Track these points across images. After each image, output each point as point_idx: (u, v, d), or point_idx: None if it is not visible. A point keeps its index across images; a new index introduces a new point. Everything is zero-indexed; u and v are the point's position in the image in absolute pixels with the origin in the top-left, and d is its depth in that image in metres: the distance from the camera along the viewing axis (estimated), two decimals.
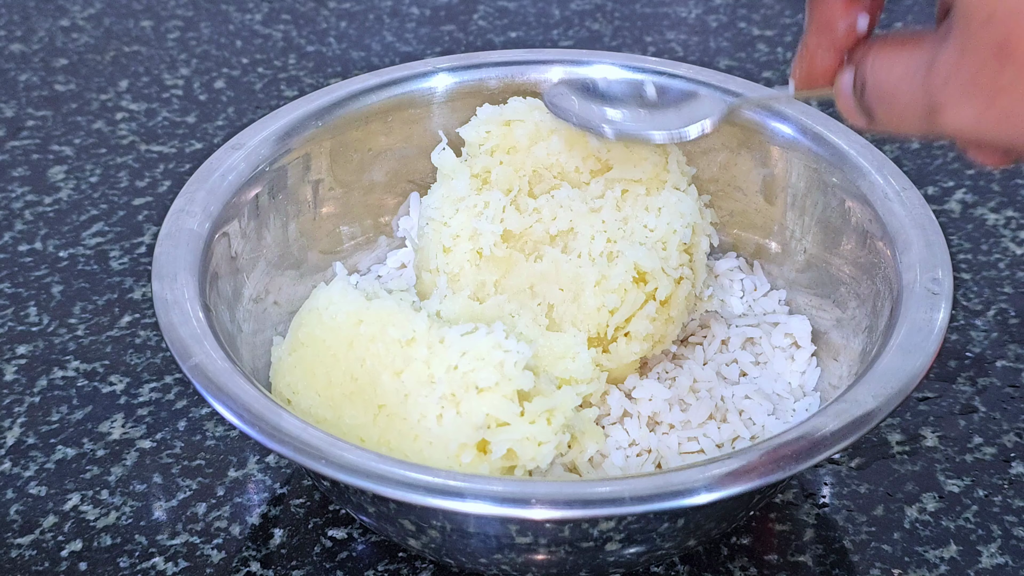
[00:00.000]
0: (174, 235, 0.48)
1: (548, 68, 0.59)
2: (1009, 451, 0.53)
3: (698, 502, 0.37)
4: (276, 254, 0.54)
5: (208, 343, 0.42)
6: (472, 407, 0.42)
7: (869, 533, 0.49)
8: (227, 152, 0.52)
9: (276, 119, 0.55)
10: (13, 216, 0.69)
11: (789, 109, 0.55)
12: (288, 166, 0.54)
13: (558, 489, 0.37)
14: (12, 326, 0.60)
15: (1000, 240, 0.66)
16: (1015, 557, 0.48)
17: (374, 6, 0.93)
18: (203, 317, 0.44)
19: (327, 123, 0.56)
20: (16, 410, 0.55)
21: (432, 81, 0.58)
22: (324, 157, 0.56)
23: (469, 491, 0.37)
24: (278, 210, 0.54)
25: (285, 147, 0.54)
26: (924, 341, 0.42)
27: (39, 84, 0.83)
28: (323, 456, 0.38)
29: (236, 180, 0.51)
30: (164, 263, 0.46)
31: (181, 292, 0.45)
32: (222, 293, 0.48)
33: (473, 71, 0.59)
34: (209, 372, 0.41)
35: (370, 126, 0.57)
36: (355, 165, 0.58)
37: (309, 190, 0.56)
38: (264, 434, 0.39)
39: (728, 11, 0.92)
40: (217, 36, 0.89)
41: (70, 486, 0.51)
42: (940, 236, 0.47)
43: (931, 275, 0.45)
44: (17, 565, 0.48)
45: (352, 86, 0.57)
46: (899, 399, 0.40)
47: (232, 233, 0.50)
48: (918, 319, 0.43)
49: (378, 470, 0.37)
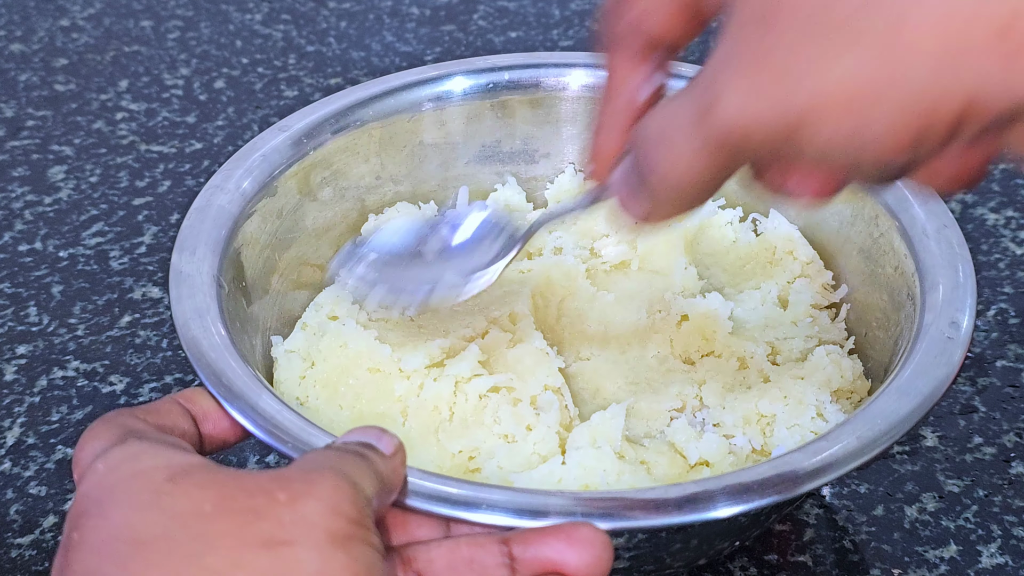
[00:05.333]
0: (203, 209, 0.48)
1: (569, 71, 0.58)
2: (1009, 451, 0.53)
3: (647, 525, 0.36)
4: (313, 237, 0.54)
5: (211, 317, 0.42)
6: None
7: (869, 533, 0.49)
8: (272, 133, 0.52)
9: (326, 105, 0.54)
10: (13, 216, 0.69)
11: None
12: (332, 153, 0.54)
13: (571, 502, 0.36)
14: (12, 326, 0.60)
15: (1000, 240, 0.66)
16: (1015, 557, 0.48)
17: (374, 6, 0.93)
18: (214, 293, 0.44)
19: (377, 113, 0.55)
20: (16, 410, 0.55)
21: (480, 78, 0.58)
22: (372, 146, 0.56)
23: (480, 500, 0.36)
24: (318, 196, 0.54)
25: (330, 134, 0.54)
26: (925, 385, 0.40)
27: (39, 84, 0.83)
28: (292, 440, 0.38)
29: (277, 161, 0.51)
30: (187, 235, 0.46)
31: (196, 266, 0.45)
32: (243, 271, 0.48)
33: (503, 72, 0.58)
34: (203, 346, 0.41)
35: (422, 117, 0.57)
36: (404, 156, 0.57)
37: (351, 179, 0.56)
38: (241, 411, 0.39)
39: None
40: (217, 36, 0.89)
41: (70, 486, 0.51)
42: (972, 279, 0.45)
43: (951, 319, 0.43)
44: (17, 565, 0.48)
45: (406, 78, 0.57)
46: (883, 443, 0.38)
47: (265, 214, 0.50)
48: (925, 362, 0.41)
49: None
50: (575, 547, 0.34)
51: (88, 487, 0.32)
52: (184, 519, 0.30)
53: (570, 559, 0.34)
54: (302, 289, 0.53)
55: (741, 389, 0.48)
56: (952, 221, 0.48)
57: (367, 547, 0.31)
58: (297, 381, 0.47)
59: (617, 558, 0.39)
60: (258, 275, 0.50)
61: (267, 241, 0.51)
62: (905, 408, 0.39)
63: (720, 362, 0.50)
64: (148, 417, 0.36)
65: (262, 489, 0.31)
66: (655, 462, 0.44)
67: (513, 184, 0.59)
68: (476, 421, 0.45)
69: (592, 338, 0.51)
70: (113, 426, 0.34)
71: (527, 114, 0.59)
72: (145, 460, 0.33)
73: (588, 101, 0.58)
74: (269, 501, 0.31)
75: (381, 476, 0.34)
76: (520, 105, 0.58)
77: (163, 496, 0.31)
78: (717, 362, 0.50)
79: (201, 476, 0.32)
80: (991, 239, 0.66)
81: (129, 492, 0.31)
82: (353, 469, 0.33)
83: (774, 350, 0.51)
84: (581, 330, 0.52)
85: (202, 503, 0.31)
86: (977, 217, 0.68)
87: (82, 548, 0.31)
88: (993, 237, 0.66)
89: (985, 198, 0.70)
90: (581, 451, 0.44)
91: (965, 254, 0.46)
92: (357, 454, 0.34)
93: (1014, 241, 0.66)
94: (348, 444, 0.35)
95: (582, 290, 0.53)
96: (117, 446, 0.33)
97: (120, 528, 0.31)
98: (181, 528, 0.30)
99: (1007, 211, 0.68)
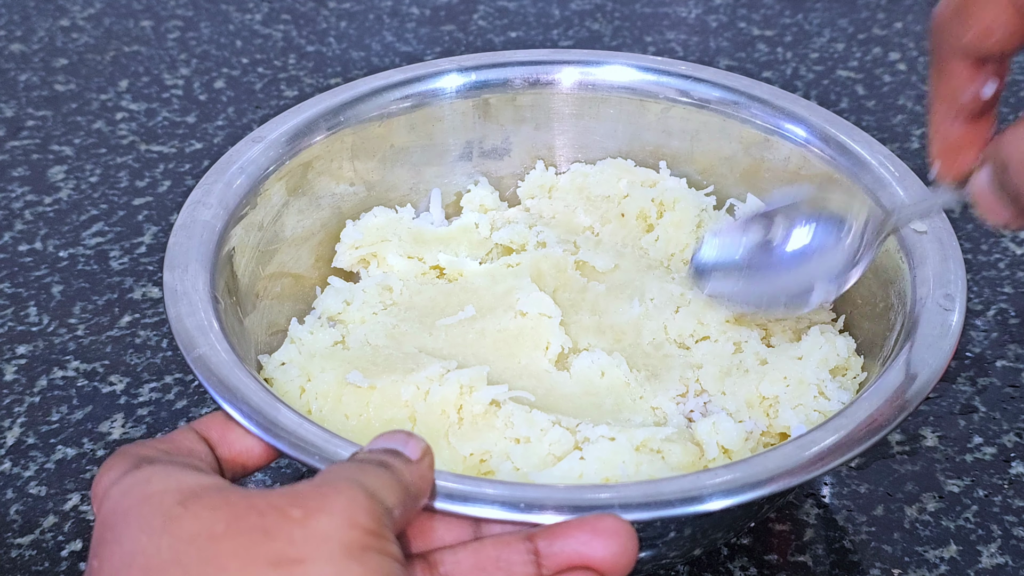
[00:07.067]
0: (188, 226, 0.48)
1: (560, 68, 0.59)
2: (1009, 451, 0.53)
3: (697, 511, 0.36)
4: (293, 247, 0.54)
5: (213, 334, 0.42)
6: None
7: (869, 533, 0.49)
8: (247, 145, 0.52)
9: (297, 113, 0.55)
10: (13, 216, 0.69)
11: (811, 116, 0.54)
12: (307, 161, 0.54)
13: (567, 495, 0.37)
14: (12, 326, 0.60)
15: (1000, 240, 0.66)
16: (1015, 557, 0.48)
17: (374, 6, 0.93)
18: (211, 308, 0.44)
19: (348, 119, 0.56)
20: (16, 410, 0.55)
21: (447, 80, 0.58)
22: (346, 152, 0.56)
23: (477, 495, 0.36)
24: (296, 205, 0.54)
25: (305, 142, 0.54)
26: (931, 358, 0.42)
27: (39, 84, 0.83)
28: (318, 452, 0.38)
29: (254, 173, 0.51)
30: (176, 253, 0.46)
31: (191, 283, 0.45)
32: (234, 285, 0.48)
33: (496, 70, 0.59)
34: (211, 364, 0.41)
35: (392, 122, 0.57)
36: (376, 161, 0.58)
37: (327, 185, 0.56)
38: (261, 427, 0.39)
39: (728, 11, 0.92)
40: (217, 36, 0.89)
41: (70, 486, 0.51)
42: (957, 251, 0.46)
43: (944, 291, 0.44)
44: (17, 565, 0.48)
45: (374, 82, 0.57)
46: (900, 416, 0.39)
47: (247, 226, 0.50)
48: (927, 335, 0.43)
49: None
50: (600, 538, 0.34)
51: (104, 514, 0.33)
52: (194, 542, 0.30)
53: (596, 550, 0.34)
54: (286, 300, 0.53)
55: (739, 373, 0.49)
56: (930, 195, 0.49)
57: (384, 557, 0.31)
58: (297, 394, 0.47)
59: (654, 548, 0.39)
60: (247, 288, 0.50)
61: (252, 254, 0.51)
62: (915, 381, 0.40)
63: (716, 346, 0.50)
64: (162, 445, 0.36)
65: (273, 507, 0.31)
66: (670, 451, 0.44)
67: (485, 184, 0.60)
68: (487, 424, 0.45)
69: (587, 328, 0.52)
70: (127, 456, 0.35)
71: (496, 113, 0.59)
72: (156, 483, 0.33)
73: (550, 97, 0.59)
74: (281, 519, 0.31)
75: (406, 484, 0.34)
76: (489, 105, 0.59)
77: (173, 520, 0.31)
78: (713, 346, 0.50)
79: (212, 498, 0.32)
80: (991, 239, 0.66)
81: (141, 517, 0.32)
82: (372, 480, 0.33)
83: (767, 332, 0.52)
84: (576, 320, 0.52)
85: (213, 525, 0.31)
86: (977, 217, 0.68)
87: (100, 575, 0.31)
88: (993, 237, 0.66)
89: None
90: (598, 445, 0.44)
91: (948, 227, 0.48)
92: (380, 463, 0.34)
93: (1014, 241, 0.66)
94: (373, 452, 0.35)
95: (573, 281, 0.54)
96: (130, 472, 0.33)
97: (133, 554, 0.31)
98: (191, 552, 0.30)
99: None
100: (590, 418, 0.46)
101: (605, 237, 0.57)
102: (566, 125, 0.60)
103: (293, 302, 0.54)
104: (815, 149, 0.54)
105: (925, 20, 0.91)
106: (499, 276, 0.54)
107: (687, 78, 0.57)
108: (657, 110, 0.58)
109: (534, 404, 0.46)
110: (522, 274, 0.53)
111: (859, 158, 0.52)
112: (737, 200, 0.58)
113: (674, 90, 0.58)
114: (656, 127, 0.59)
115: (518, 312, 0.51)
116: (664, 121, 0.58)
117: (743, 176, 0.57)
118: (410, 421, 0.46)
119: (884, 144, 0.53)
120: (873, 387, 0.41)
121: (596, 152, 0.61)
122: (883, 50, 0.86)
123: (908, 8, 0.92)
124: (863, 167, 0.52)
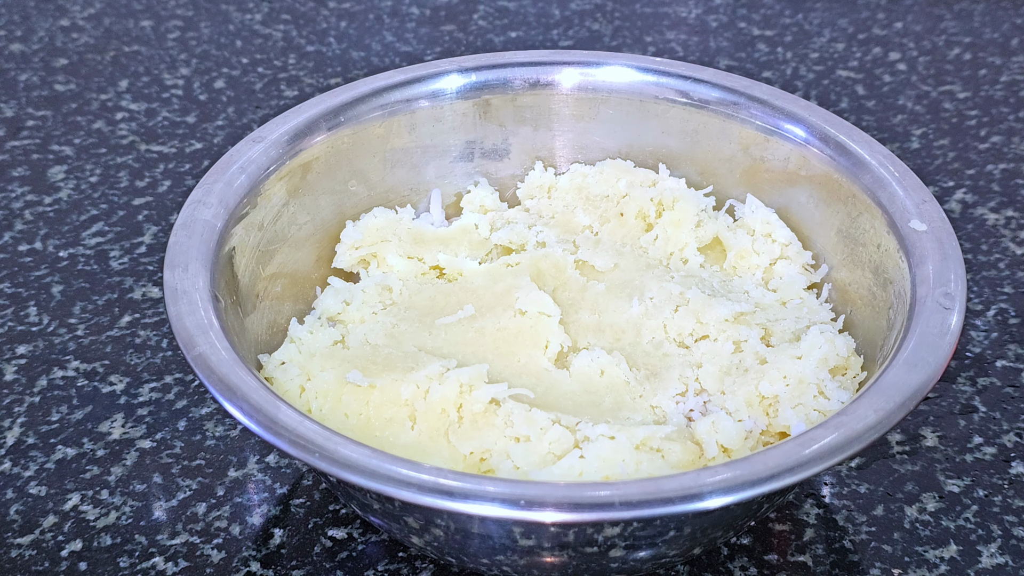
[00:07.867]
0: (189, 225, 0.48)
1: (560, 69, 0.59)
2: (1009, 451, 0.53)
3: (698, 508, 0.36)
4: (293, 247, 0.54)
5: (213, 333, 0.42)
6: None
7: (869, 533, 0.49)
8: (247, 145, 0.52)
9: (298, 114, 0.55)
10: (13, 216, 0.69)
11: (810, 116, 0.54)
12: (308, 161, 0.54)
13: (564, 492, 0.37)
14: (12, 326, 0.60)
15: (1000, 240, 0.66)
16: (1015, 557, 0.48)
17: (374, 6, 0.93)
18: (211, 307, 0.44)
19: (349, 119, 0.56)
20: (16, 410, 0.55)
21: (447, 81, 0.58)
22: (345, 152, 0.56)
23: (473, 492, 0.36)
24: (296, 205, 0.54)
25: (305, 142, 0.54)
26: (931, 356, 0.42)
27: (39, 84, 0.83)
28: (318, 450, 0.38)
29: (255, 173, 0.51)
30: (177, 253, 0.46)
31: (191, 282, 0.45)
32: (234, 285, 0.48)
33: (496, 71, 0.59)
34: (212, 362, 0.41)
35: (392, 123, 0.57)
36: (376, 162, 0.58)
37: (328, 186, 0.56)
38: (262, 426, 0.39)
39: (728, 11, 0.92)
40: (217, 36, 0.89)
41: (70, 486, 0.51)
42: (957, 251, 0.46)
43: (944, 289, 0.44)
44: (17, 565, 0.48)
45: (375, 83, 0.57)
46: (900, 413, 0.39)
47: (248, 226, 0.50)
48: (927, 333, 0.43)
49: (373, 466, 0.37)
50: None
51: None
52: None
53: None
54: (286, 300, 0.53)
55: (738, 372, 0.49)
56: (931, 196, 0.49)
57: None
58: (297, 393, 0.47)
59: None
60: (247, 288, 0.50)
61: (252, 253, 0.51)
62: (916, 379, 0.41)
63: (715, 346, 0.50)
64: None
65: None
66: (669, 449, 0.45)
67: (485, 185, 0.60)
68: (487, 423, 0.45)
69: (587, 327, 0.52)
70: None
71: (496, 114, 0.59)
72: None
73: (550, 97, 0.59)
74: None
75: None
76: (489, 105, 0.59)
77: None
78: (712, 345, 0.50)
79: None
80: (991, 239, 0.66)
81: None
82: None
83: (767, 332, 0.52)
84: (575, 319, 0.52)
85: None
86: (977, 217, 0.68)
87: None
88: (993, 237, 0.66)
89: (985, 198, 0.70)
90: (598, 443, 0.44)
91: (947, 227, 0.47)
92: None
93: (1014, 241, 0.66)
94: None
95: (572, 280, 0.54)
96: None
97: None
98: None
99: (1007, 211, 0.68)
100: (590, 417, 0.46)
101: (604, 236, 0.57)
102: (566, 126, 0.60)
103: (293, 302, 0.54)
104: (815, 149, 0.54)
105: (925, 20, 0.91)
106: (499, 276, 0.54)
107: (686, 79, 0.58)
108: (657, 111, 0.58)
109: (534, 403, 0.46)
110: (521, 273, 0.54)
111: (859, 158, 0.52)
112: (737, 200, 0.58)
113: (673, 91, 0.58)
114: (656, 128, 0.59)
115: (517, 311, 0.51)
116: (664, 122, 0.58)
117: (743, 176, 0.57)
118: (410, 420, 0.46)
119: (884, 144, 0.53)
120: (873, 386, 0.41)
121: (596, 153, 0.61)
122: (883, 50, 0.87)
123: (908, 8, 0.92)
124: (863, 167, 0.52)
